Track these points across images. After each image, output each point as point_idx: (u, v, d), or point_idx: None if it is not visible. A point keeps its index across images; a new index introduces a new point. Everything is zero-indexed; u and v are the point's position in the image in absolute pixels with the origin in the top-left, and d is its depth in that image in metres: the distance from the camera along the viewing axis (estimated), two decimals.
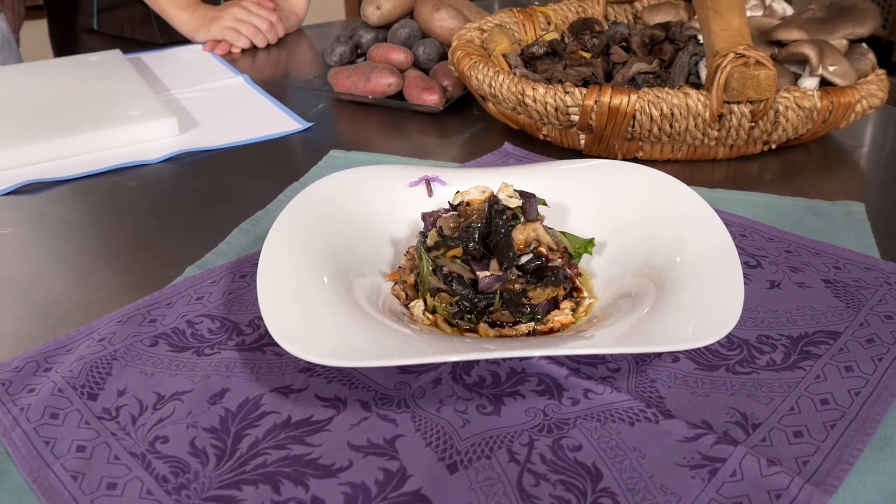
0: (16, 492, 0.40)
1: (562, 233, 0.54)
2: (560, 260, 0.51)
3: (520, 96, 0.72)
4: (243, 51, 1.17)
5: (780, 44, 0.79)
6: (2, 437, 0.43)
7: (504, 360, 0.48)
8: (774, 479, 0.39)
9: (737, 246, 0.61)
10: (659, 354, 0.48)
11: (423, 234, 0.53)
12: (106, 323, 0.53)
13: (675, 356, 0.49)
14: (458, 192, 0.54)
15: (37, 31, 1.43)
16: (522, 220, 0.51)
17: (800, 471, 0.40)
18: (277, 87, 1.02)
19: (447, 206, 0.55)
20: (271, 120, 0.89)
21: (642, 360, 0.49)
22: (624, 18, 0.97)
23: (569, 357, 0.48)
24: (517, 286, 0.49)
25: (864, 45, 0.80)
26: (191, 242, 0.64)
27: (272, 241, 0.52)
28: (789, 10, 0.89)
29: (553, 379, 0.47)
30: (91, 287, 0.59)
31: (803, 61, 0.76)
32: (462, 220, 0.51)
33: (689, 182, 0.72)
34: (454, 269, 0.49)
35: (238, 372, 0.48)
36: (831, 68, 0.75)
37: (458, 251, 0.50)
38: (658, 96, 0.69)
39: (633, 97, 0.69)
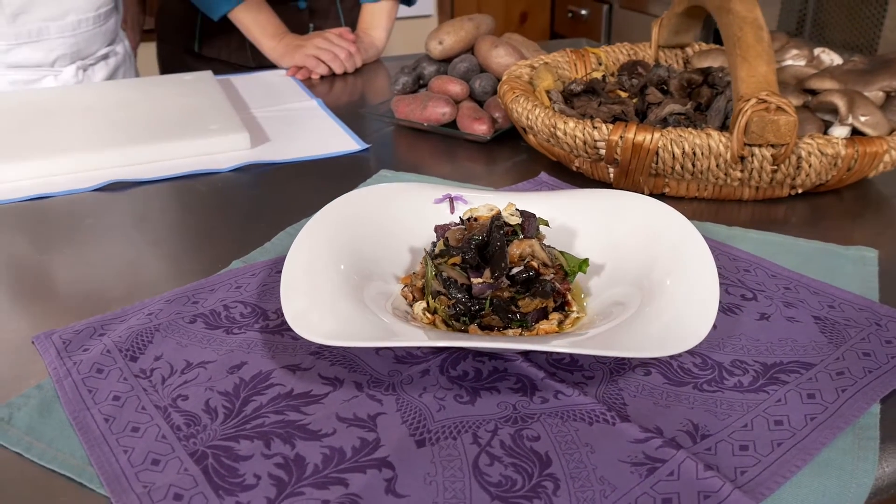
0: (59, 426, 0.48)
1: (561, 252, 0.59)
2: (553, 275, 0.56)
3: (552, 129, 0.78)
4: (322, 77, 1.28)
5: (815, 92, 0.81)
6: (55, 382, 0.52)
7: (488, 358, 0.53)
8: (707, 483, 0.43)
9: (738, 280, 0.64)
10: (624, 360, 0.52)
11: (434, 244, 0.59)
12: (156, 301, 0.61)
13: (647, 370, 0.53)
14: (470, 208, 0.60)
15: (148, 52, 1.59)
16: (521, 236, 0.57)
17: (734, 479, 0.43)
18: (347, 111, 1.11)
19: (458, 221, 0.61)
20: (334, 140, 0.98)
21: (616, 370, 0.53)
22: (674, 62, 1.01)
23: (549, 362, 0.53)
24: (506, 294, 0.54)
25: None
26: (242, 241, 0.73)
27: (302, 238, 0.60)
28: (837, 61, 0.91)
29: (530, 379, 0.52)
30: (152, 271, 0.68)
31: (835, 110, 0.78)
32: (467, 232, 0.57)
33: (714, 220, 0.76)
34: (452, 275, 0.55)
35: (257, 349, 0.55)
36: (862, 118, 0.76)
37: (458, 259, 0.55)
38: (681, 135, 0.73)
39: (657, 135, 0.73)
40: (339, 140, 0.98)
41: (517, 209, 0.58)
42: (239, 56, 1.44)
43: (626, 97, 0.85)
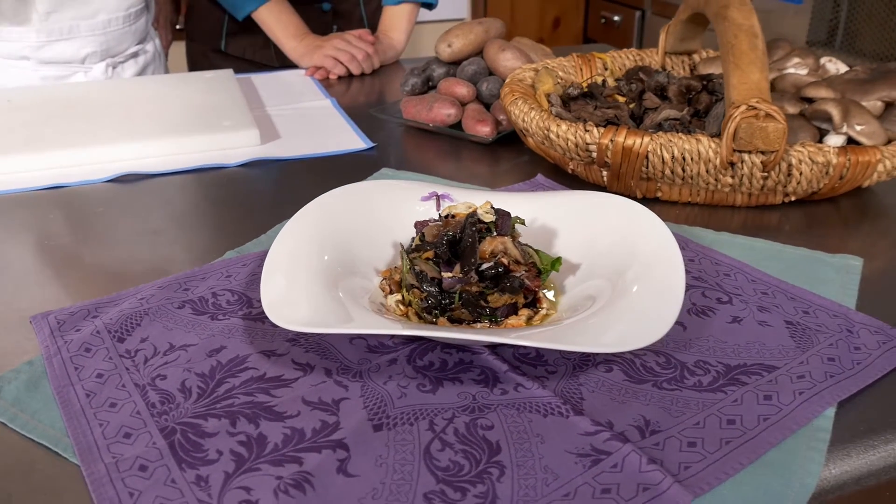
0: (44, 400, 0.51)
1: (535, 251, 0.60)
2: (525, 272, 0.57)
3: (546, 131, 0.79)
4: (340, 77, 1.30)
5: (812, 101, 0.81)
6: (45, 359, 0.55)
7: (456, 350, 0.55)
8: (648, 476, 0.44)
9: (716, 284, 0.64)
10: (588, 356, 0.54)
11: (413, 239, 0.61)
12: (150, 287, 0.64)
13: (609, 367, 0.54)
14: (449, 206, 0.62)
15: (180, 51, 1.64)
16: (495, 233, 0.58)
17: (677, 473, 0.44)
18: (358, 111, 1.13)
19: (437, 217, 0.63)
20: (341, 138, 1.01)
21: (580, 366, 0.54)
22: (681, 69, 1.01)
23: (515, 357, 0.55)
24: (475, 289, 0.56)
25: None
26: (241, 233, 0.75)
27: (289, 228, 0.62)
28: (843, 70, 0.91)
29: (493, 372, 0.53)
30: (151, 259, 0.71)
31: (830, 119, 0.78)
32: (444, 229, 0.59)
33: (706, 225, 0.77)
34: (425, 269, 0.57)
35: (238, 335, 0.58)
36: (858, 127, 0.76)
37: (431, 254, 0.57)
38: (670, 140, 0.74)
39: (646, 139, 0.74)
40: (346, 138, 1.01)
41: (492, 207, 0.59)
42: (263, 55, 1.48)
43: (623, 102, 0.86)
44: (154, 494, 0.43)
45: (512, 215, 0.61)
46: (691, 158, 0.74)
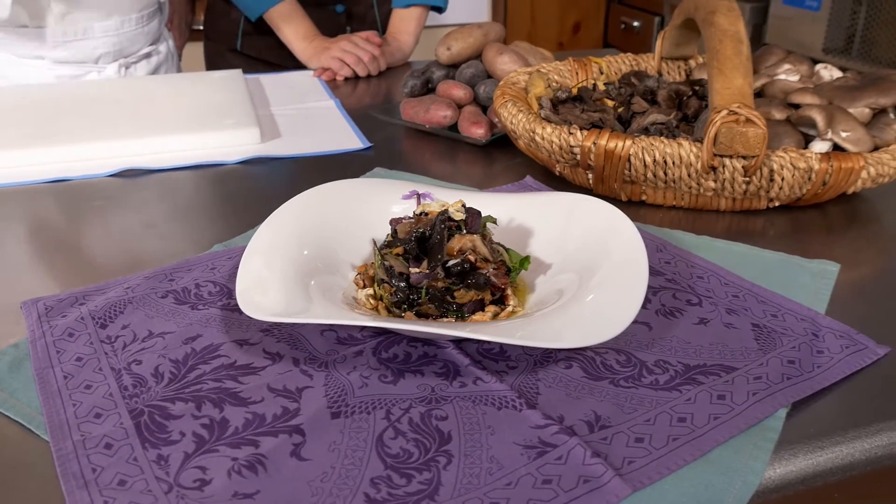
0: (24, 381, 0.54)
1: (506, 249, 0.62)
2: (493, 269, 0.59)
3: (531, 134, 0.80)
4: (347, 79, 1.33)
5: (799, 107, 0.81)
6: (30, 343, 0.58)
7: (422, 343, 0.56)
8: (591, 469, 0.45)
9: (688, 286, 0.65)
10: (550, 353, 0.55)
11: (388, 236, 0.63)
12: (137, 277, 0.67)
13: (569, 363, 0.55)
14: (423, 204, 0.64)
15: (197, 50, 1.67)
16: (464, 231, 0.60)
17: (620, 467, 0.45)
18: (362, 112, 1.15)
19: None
20: (340, 138, 1.03)
21: (540, 362, 0.55)
22: (676, 74, 1.02)
23: (478, 352, 0.56)
24: (441, 284, 0.57)
25: (892, 115, 0.80)
26: (232, 228, 0.78)
27: (269, 222, 0.64)
28: (837, 76, 0.91)
29: (455, 366, 0.55)
30: (143, 251, 0.74)
31: (815, 125, 0.78)
32: (416, 226, 0.61)
33: (691, 230, 0.77)
34: (394, 264, 0.58)
35: (215, 324, 0.60)
36: (843, 134, 0.76)
37: (400, 250, 0.59)
38: (652, 144, 0.75)
39: (628, 142, 0.75)
40: (344, 138, 1.03)
41: (463, 206, 0.61)
42: (278, 56, 1.50)
43: (612, 106, 0.86)
44: (115, 471, 0.45)
45: (483, 214, 0.63)
46: (673, 162, 0.75)
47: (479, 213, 0.61)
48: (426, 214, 0.62)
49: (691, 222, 0.80)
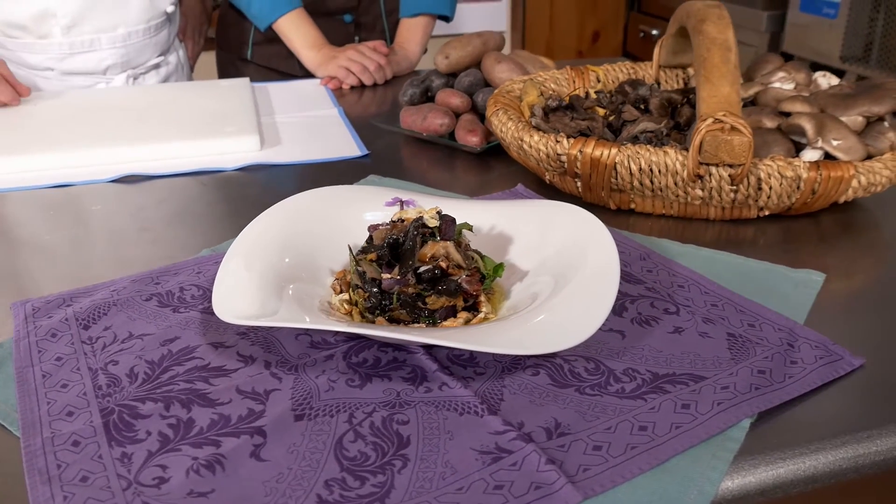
0: (5, 379, 0.55)
1: (481, 257, 0.62)
2: (467, 276, 0.59)
3: (519, 142, 0.81)
4: (353, 87, 1.34)
5: (790, 115, 0.80)
6: (14, 342, 0.59)
7: (392, 349, 0.57)
8: (544, 475, 0.45)
9: (667, 295, 0.65)
10: (519, 359, 0.55)
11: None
12: (125, 280, 0.68)
13: (536, 370, 0.55)
14: (400, 210, 0.64)
15: (211, 59, 1.70)
16: (438, 238, 0.60)
17: (574, 475, 0.45)
18: (363, 120, 1.17)
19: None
20: (339, 146, 1.04)
21: (508, 369, 0.55)
22: (674, 83, 1.01)
23: (448, 358, 0.56)
24: (412, 290, 0.58)
25: (887, 124, 0.79)
26: (222, 233, 0.79)
27: (251, 227, 0.66)
28: (835, 84, 0.90)
29: (423, 371, 0.55)
30: (134, 255, 0.75)
31: (805, 133, 0.77)
32: (391, 232, 0.61)
33: (680, 238, 0.77)
34: (367, 270, 0.59)
35: (193, 327, 0.61)
36: (834, 142, 0.76)
37: (374, 256, 0.60)
38: (637, 152, 0.75)
39: (613, 150, 0.75)
40: (343, 146, 1.04)
41: (438, 213, 0.61)
42: (288, 65, 1.52)
43: (603, 114, 0.86)
44: (79, 467, 0.46)
45: (462, 222, 0.63)
46: (659, 171, 0.75)
47: (453, 220, 0.61)
48: (403, 221, 0.62)
49: (680, 231, 0.79)
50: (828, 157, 0.77)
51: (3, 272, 0.73)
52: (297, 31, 1.38)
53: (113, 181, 0.93)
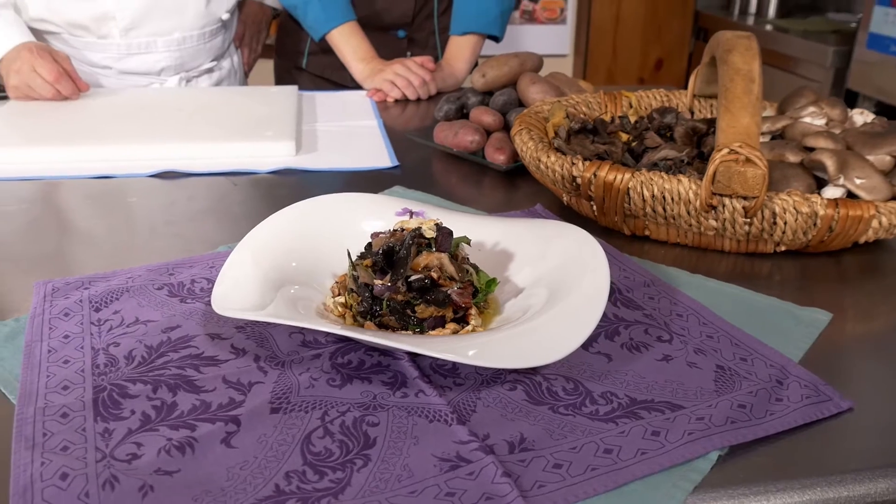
0: (15, 351, 0.59)
1: (477, 271, 0.63)
2: (459, 288, 0.60)
3: (537, 161, 0.82)
4: (399, 100, 1.37)
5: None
6: (29, 318, 0.63)
7: (378, 353, 0.58)
8: (497, 487, 0.45)
9: (663, 323, 0.64)
10: (499, 373, 0.56)
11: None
12: (142, 268, 0.72)
13: (514, 385, 0.55)
14: (401, 220, 0.66)
15: (269, 66, 1.76)
16: (434, 248, 0.62)
17: (528, 489, 0.46)
18: (400, 133, 1.19)
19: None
20: (371, 156, 1.06)
21: (488, 382, 0.56)
22: (708, 112, 1.00)
23: (431, 367, 0.57)
24: (401, 298, 0.59)
25: None
26: (245, 231, 0.82)
27: (266, 223, 0.68)
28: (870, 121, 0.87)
29: (404, 376, 0.56)
30: (158, 246, 0.79)
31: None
32: (388, 240, 0.63)
33: (694, 269, 0.76)
34: (361, 275, 0.61)
35: (196, 318, 0.64)
36: (858, 181, 0.74)
37: (370, 262, 0.61)
38: (651, 178, 0.74)
39: (627, 175, 0.75)
40: (376, 156, 1.06)
41: (436, 225, 0.63)
42: (340, 76, 1.57)
43: (626, 139, 0.86)
44: (62, 437, 0.49)
45: (463, 235, 0.64)
46: (672, 198, 0.74)
47: (450, 232, 0.62)
48: (402, 230, 0.64)
49: (694, 262, 0.78)
50: (851, 195, 0.75)
51: (40, 252, 0.77)
52: (347, 44, 1.42)
53: (152, 176, 0.97)
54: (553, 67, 2.92)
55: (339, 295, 0.65)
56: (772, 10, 2.77)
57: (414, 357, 0.58)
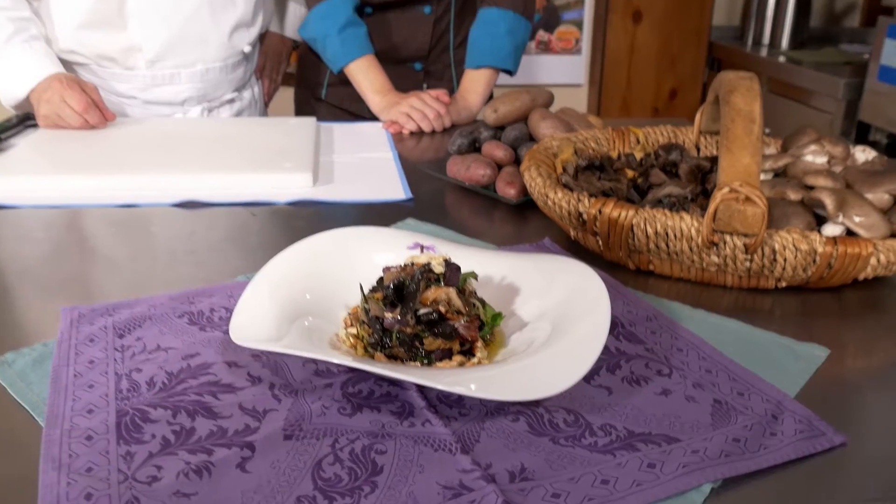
0: (42, 375, 0.62)
1: (483, 305, 0.66)
2: (466, 321, 0.63)
3: (545, 197, 0.84)
4: (414, 133, 1.41)
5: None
6: (56, 343, 0.66)
7: (388, 383, 0.61)
8: None
9: (664, 357, 0.67)
10: (503, 405, 0.58)
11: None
12: (163, 297, 0.75)
13: (517, 417, 0.58)
14: (412, 255, 0.69)
15: (290, 95, 1.81)
16: (442, 283, 0.64)
17: None
18: (415, 165, 1.22)
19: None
20: (386, 188, 1.10)
21: (492, 413, 0.58)
22: (713, 148, 1.03)
23: (438, 398, 0.60)
24: (410, 330, 0.62)
25: None
26: (262, 261, 0.85)
27: (281, 256, 0.71)
28: (872, 158, 0.89)
29: (411, 406, 0.59)
30: (178, 274, 0.82)
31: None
32: (399, 274, 0.66)
33: (696, 303, 0.78)
34: (372, 308, 0.63)
35: (214, 346, 0.67)
36: (856, 219, 0.76)
37: (381, 295, 0.64)
38: (654, 215, 0.77)
39: (631, 212, 0.77)
40: (390, 188, 1.10)
41: (445, 261, 0.65)
42: (358, 107, 1.60)
43: (632, 176, 0.89)
44: (87, 459, 0.52)
45: (472, 270, 0.67)
46: (674, 235, 0.76)
47: (458, 268, 0.65)
48: (413, 265, 0.67)
49: (697, 296, 0.80)
50: (850, 233, 0.77)
51: (66, 278, 0.81)
52: (365, 76, 1.46)
53: (174, 205, 1.01)
54: (568, 97, 2.97)
55: (351, 326, 0.67)
56: (785, 41, 2.79)
57: (421, 387, 0.61)
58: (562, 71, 2.94)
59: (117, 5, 1.31)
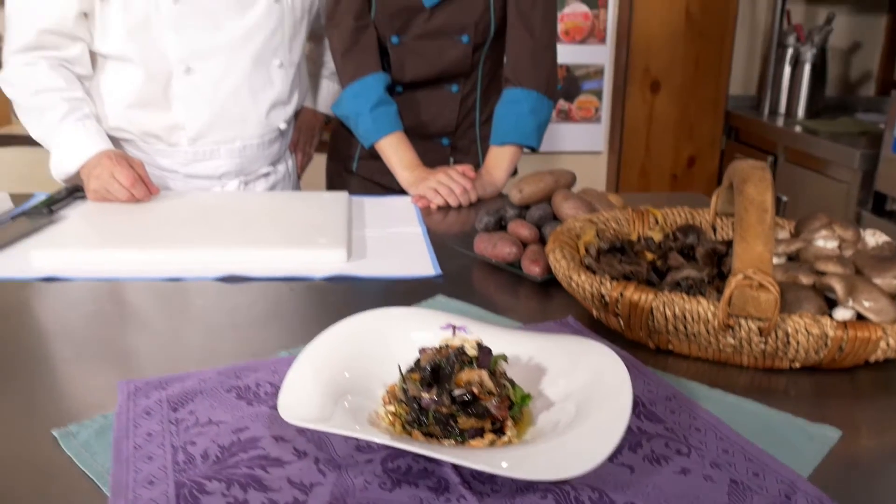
0: (104, 446, 0.67)
1: (513, 386, 0.70)
2: (497, 402, 0.67)
3: (569, 279, 0.90)
4: (441, 207, 1.47)
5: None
6: (115, 416, 0.72)
7: (425, 459, 0.65)
8: None
9: (682, 436, 0.70)
10: (533, 482, 0.62)
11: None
12: (211, 371, 0.81)
13: (545, 494, 0.62)
14: (446, 338, 0.74)
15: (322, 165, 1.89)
16: (475, 365, 0.69)
17: None
18: (443, 240, 1.28)
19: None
20: (416, 264, 1.15)
21: (522, 490, 0.62)
22: (728, 229, 1.08)
23: (472, 474, 0.64)
24: (446, 410, 0.66)
25: None
26: (301, 337, 0.91)
27: (323, 337, 0.77)
28: (883, 242, 0.94)
29: (447, 483, 0.63)
30: (223, 348, 0.88)
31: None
32: (436, 356, 0.71)
33: (714, 383, 0.82)
34: (410, 388, 0.68)
35: (262, 420, 0.72)
36: (866, 304, 0.80)
37: (418, 376, 0.69)
38: (672, 299, 0.82)
39: (650, 296, 0.82)
40: (420, 264, 1.15)
41: (478, 344, 0.70)
42: (388, 180, 1.68)
43: (651, 258, 0.94)
44: None
45: (499, 352, 0.72)
46: (692, 318, 0.81)
47: (490, 351, 0.70)
48: (448, 347, 0.72)
49: (714, 375, 0.84)
50: (861, 317, 0.81)
51: (117, 350, 0.87)
52: (395, 152, 1.54)
53: (217, 279, 1.07)
54: (588, 164, 3.05)
55: (389, 404, 0.72)
56: (801, 111, 2.86)
57: (456, 465, 0.65)
58: (582, 139, 3.03)
59: (163, 88, 1.41)
